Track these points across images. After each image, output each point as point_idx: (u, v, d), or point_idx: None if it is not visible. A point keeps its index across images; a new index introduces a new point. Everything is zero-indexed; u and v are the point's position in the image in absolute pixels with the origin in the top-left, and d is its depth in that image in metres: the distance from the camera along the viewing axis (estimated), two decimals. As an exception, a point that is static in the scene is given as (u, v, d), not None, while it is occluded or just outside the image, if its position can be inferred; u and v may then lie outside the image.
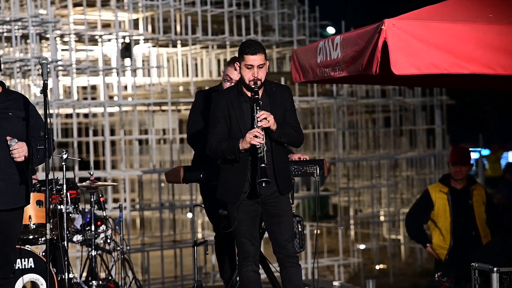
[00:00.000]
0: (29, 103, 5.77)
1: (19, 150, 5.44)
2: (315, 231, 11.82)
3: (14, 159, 5.46)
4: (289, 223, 6.05)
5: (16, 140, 5.44)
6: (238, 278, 6.88)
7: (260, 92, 5.92)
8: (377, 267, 12.89)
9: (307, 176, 7.20)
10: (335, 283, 8.71)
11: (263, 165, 5.68)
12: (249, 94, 5.88)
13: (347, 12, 28.04)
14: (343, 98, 12.95)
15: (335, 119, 12.87)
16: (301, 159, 6.89)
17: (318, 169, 6.81)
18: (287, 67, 13.69)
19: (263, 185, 5.68)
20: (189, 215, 14.60)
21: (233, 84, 6.74)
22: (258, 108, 5.77)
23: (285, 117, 5.97)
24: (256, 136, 5.70)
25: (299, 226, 6.79)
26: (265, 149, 5.72)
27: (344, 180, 14.80)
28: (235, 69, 6.82)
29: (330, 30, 21.51)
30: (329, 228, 14.66)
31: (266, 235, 6.28)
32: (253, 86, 5.81)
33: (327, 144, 14.84)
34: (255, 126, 5.73)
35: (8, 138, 5.43)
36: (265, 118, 5.74)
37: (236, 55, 6.12)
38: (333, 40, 6.60)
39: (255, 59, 5.84)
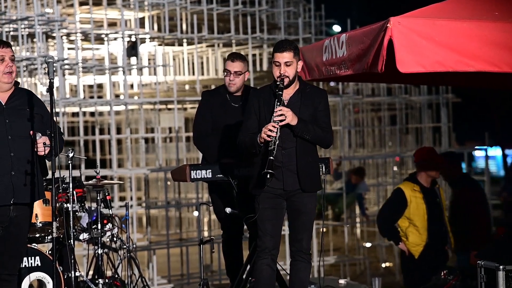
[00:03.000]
0: (39, 99, 5.86)
1: (43, 144, 5.48)
2: (321, 229, 11.82)
3: (38, 152, 5.52)
4: (308, 220, 6.13)
5: (40, 134, 5.54)
6: (244, 276, 6.90)
7: (293, 90, 6.05)
8: (383, 265, 12.88)
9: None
10: (341, 281, 8.71)
11: (271, 157, 5.77)
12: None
13: (353, 10, 28.02)
14: (348, 96, 12.95)
15: (340, 117, 12.87)
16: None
17: (323, 167, 6.82)
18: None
19: (268, 177, 5.76)
20: (195, 213, 14.62)
21: (231, 76, 6.85)
22: (278, 103, 5.87)
23: (316, 117, 6.03)
24: (270, 130, 5.79)
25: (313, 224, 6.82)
26: (276, 142, 5.81)
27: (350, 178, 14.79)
28: (232, 61, 6.96)
29: (336, 28, 21.49)
30: (335, 226, 14.66)
31: (283, 232, 6.31)
32: (278, 83, 5.92)
33: (333, 143, 14.83)
34: (272, 121, 5.81)
35: (31, 132, 5.50)
36: (282, 114, 5.82)
37: (242, 53, 6.22)
38: (338, 38, 6.61)
39: (282, 56, 5.98)
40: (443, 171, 8.50)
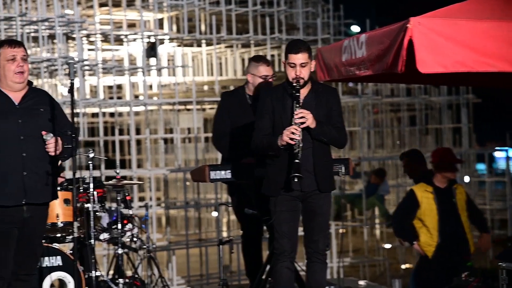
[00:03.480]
0: (54, 99, 5.85)
1: (54, 145, 5.48)
2: (340, 230, 11.81)
3: (49, 153, 5.50)
4: (324, 222, 6.12)
5: (51, 135, 5.50)
6: (264, 277, 6.91)
7: (306, 90, 6.02)
8: (403, 266, 12.85)
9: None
10: (361, 283, 8.71)
11: (296, 160, 5.76)
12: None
13: (372, 10, 27.97)
14: (368, 97, 12.93)
15: (360, 118, 12.85)
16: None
17: (343, 168, 6.81)
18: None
19: (295, 180, 5.75)
20: (214, 213, 14.64)
21: (269, 80, 6.85)
22: (297, 106, 5.85)
23: (330, 117, 6.02)
24: (293, 133, 5.77)
25: (328, 225, 6.81)
26: (300, 145, 5.80)
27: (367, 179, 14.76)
28: (268, 65, 6.91)
29: (355, 28, 21.45)
30: (354, 227, 14.63)
31: (299, 233, 6.30)
32: (294, 84, 5.90)
33: (352, 143, 14.81)
34: (292, 124, 5.80)
35: (43, 132, 5.49)
36: (303, 117, 5.80)
37: (260, 53, 6.20)
38: (358, 39, 6.59)
39: (297, 58, 5.95)
40: (407, 169, 8.58)
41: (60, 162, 5.77)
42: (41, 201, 5.59)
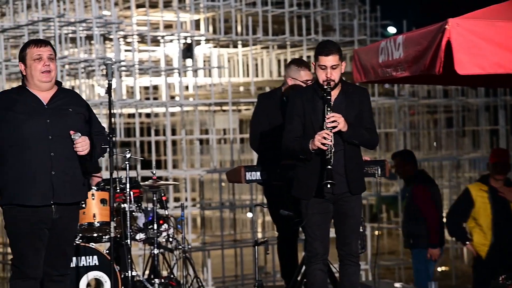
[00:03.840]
0: (84, 100, 5.83)
1: (83, 144, 5.47)
2: (375, 232, 11.76)
3: (78, 153, 5.49)
4: (356, 224, 6.07)
5: (80, 134, 5.47)
6: (299, 278, 6.90)
7: (336, 92, 5.94)
8: (439, 269, 12.76)
9: (368, 177, 7.17)
10: (396, 285, 8.66)
11: (329, 166, 5.71)
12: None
13: (409, 11, 27.80)
14: (404, 98, 12.85)
15: (396, 119, 12.78)
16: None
17: (379, 169, 6.78)
18: (348, 67, 13.64)
19: (328, 186, 5.71)
20: (249, 214, 14.65)
21: (309, 82, 6.82)
22: (329, 109, 5.79)
23: (361, 118, 5.97)
24: (324, 138, 5.72)
25: (361, 227, 6.77)
26: (332, 150, 5.75)
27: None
28: (309, 70, 6.87)
29: (391, 29, 21.36)
30: (389, 229, 14.55)
31: (331, 234, 6.28)
32: (325, 87, 5.83)
33: (388, 145, 14.74)
34: (324, 128, 5.75)
35: (71, 132, 5.47)
36: (334, 121, 5.75)
37: (297, 55, 6.17)
38: (395, 40, 6.57)
39: (328, 60, 5.85)
40: (399, 169, 8.52)
41: (86, 161, 5.67)
42: (70, 201, 5.56)
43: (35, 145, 5.45)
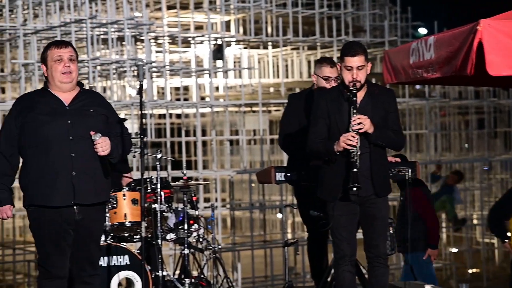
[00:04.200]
0: (107, 101, 5.83)
1: (103, 145, 5.46)
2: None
3: (98, 153, 5.48)
4: (383, 226, 6.04)
5: (100, 135, 5.47)
6: (329, 279, 6.89)
7: (362, 93, 5.90)
8: (470, 271, 12.68)
9: (399, 178, 7.14)
10: (427, 286, 8.60)
11: (355, 170, 5.67)
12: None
13: (440, 12, 27.66)
14: (435, 100, 12.79)
15: (427, 120, 12.73)
16: (393, 162, 6.85)
17: (410, 171, 6.75)
18: (378, 68, 13.61)
19: (354, 190, 5.68)
20: (279, 215, 14.66)
21: (332, 82, 6.80)
22: (354, 111, 5.75)
23: (387, 119, 5.93)
24: (350, 140, 5.69)
25: (391, 229, 6.76)
26: (358, 153, 5.71)
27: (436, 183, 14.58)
28: (331, 67, 6.85)
29: (422, 30, 21.25)
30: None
31: (358, 236, 6.26)
32: (351, 88, 5.80)
33: (419, 146, 14.67)
34: (350, 130, 5.72)
35: (92, 133, 5.48)
36: (360, 123, 5.73)
37: (327, 55, 6.16)
38: (426, 41, 6.54)
39: (354, 61, 5.81)
40: None
41: (107, 162, 5.66)
42: (91, 202, 5.55)
43: (56, 146, 5.45)
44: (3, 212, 5.56)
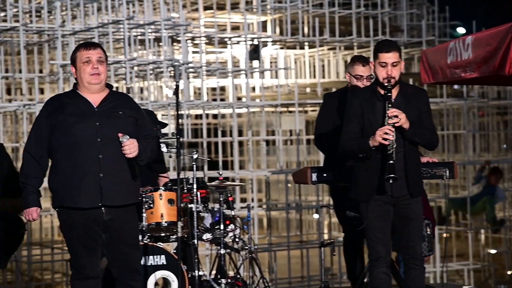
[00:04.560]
0: (136, 103, 5.84)
1: (131, 147, 5.48)
2: (444, 235, 11.62)
3: (126, 155, 5.49)
4: (418, 226, 6.01)
5: (128, 137, 5.47)
6: (366, 280, 6.86)
7: (395, 92, 5.86)
8: (509, 272, 12.55)
9: (437, 179, 7.09)
10: (465, 287, 8.55)
11: (391, 161, 5.65)
12: (382, 92, 5.84)
13: (478, 12, 27.42)
14: (473, 99, 12.68)
15: (465, 120, 12.62)
16: (430, 162, 6.79)
17: (447, 171, 6.70)
18: (416, 68, 13.52)
19: (390, 181, 5.65)
20: (316, 215, 14.63)
21: (364, 81, 6.77)
22: (390, 105, 5.72)
23: (421, 119, 5.90)
24: (386, 133, 5.66)
25: (428, 229, 6.71)
26: (394, 146, 5.68)
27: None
28: (363, 66, 6.82)
29: (461, 30, 21.10)
30: (458, 232, 14.37)
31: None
32: (386, 84, 5.77)
33: (457, 146, 14.56)
34: (386, 124, 5.70)
35: (120, 134, 5.49)
36: (396, 116, 5.70)
37: (364, 56, 6.13)
38: (464, 41, 6.50)
39: (389, 57, 5.80)
40: None
41: (135, 164, 5.66)
42: (119, 204, 5.55)
43: (84, 148, 5.48)
44: (29, 214, 5.57)
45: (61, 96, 5.84)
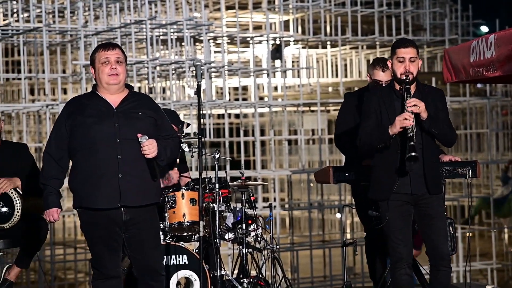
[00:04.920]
0: (156, 103, 5.83)
1: (150, 147, 5.46)
2: (467, 234, 11.56)
3: (145, 155, 5.48)
4: (442, 225, 5.96)
5: (147, 137, 5.47)
6: (388, 279, 6.83)
7: (413, 89, 5.85)
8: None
9: (459, 178, 7.04)
10: (488, 287, 8.50)
11: (412, 143, 5.64)
12: (399, 88, 5.84)
13: (502, 10, 27.25)
14: (497, 98, 12.61)
15: (488, 119, 12.55)
16: (453, 161, 6.76)
17: (470, 170, 6.65)
18: (438, 67, 13.46)
19: (412, 163, 5.64)
20: (338, 215, 14.61)
21: (382, 83, 6.74)
22: (408, 95, 5.73)
23: (438, 116, 5.88)
24: (405, 119, 5.66)
25: (451, 229, 6.67)
26: (414, 130, 5.68)
27: (497, 182, 14.38)
28: (383, 71, 6.79)
29: (484, 28, 20.96)
30: (481, 231, 14.29)
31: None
32: (404, 78, 5.77)
33: (480, 145, 14.48)
34: (405, 111, 5.70)
35: (139, 135, 5.48)
36: (415, 105, 5.70)
37: (386, 55, 6.11)
38: (487, 39, 6.46)
39: (406, 52, 5.80)
40: None
41: (154, 164, 5.66)
42: (138, 204, 5.54)
43: (103, 148, 5.47)
44: (50, 214, 5.58)
45: (80, 98, 5.86)
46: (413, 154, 5.60)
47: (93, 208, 5.49)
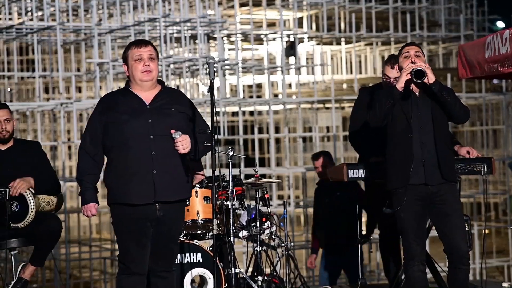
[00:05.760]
0: (188, 99, 5.86)
1: (183, 143, 5.50)
2: (483, 231, 11.49)
3: (178, 151, 5.52)
4: (459, 221, 5.92)
5: (180, 133, 5.51)
6: (403, 277, 6.81)
7: (416, 90, 5.90)
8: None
9: (474, 174, 6.99)
10: (505, 285, 8.43)
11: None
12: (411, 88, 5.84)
13: (518, 5, 27.09)
14: (512, 94, 12.54)
15: (504, 115, 12.47)
16: (469, 153, 6.68)
17: (485, 167, 6.60)
18: (453, 63, 13.40)
19: (419, 81, 5.66)
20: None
21: (392, 82, 6.72)
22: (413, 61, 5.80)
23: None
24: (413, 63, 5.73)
25: (467, 226, 6.62)
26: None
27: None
28: (392, 68, 6.77)
29: (500, 24, 20.84)
30: (498, 228, 14.22)
31: (431, 234, 6.16)
32: (411, 63, 5.82)
33: (496, 142, 14.40)
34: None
35: (172, 131, 5.52)
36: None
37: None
38: (502, 35, 6.42)
39: (411, 48, 5.91)
40: (327, 169, 8.10)
41: (188, 159, 5.69)
42: (172, 199, 5.60)
43: (137, 145, 5.52)
44: (88, 210, 5.65)
45: (114, 94, 5.92)
46: (417, 68, 5.65)
47: (128, 203, 5.53)
